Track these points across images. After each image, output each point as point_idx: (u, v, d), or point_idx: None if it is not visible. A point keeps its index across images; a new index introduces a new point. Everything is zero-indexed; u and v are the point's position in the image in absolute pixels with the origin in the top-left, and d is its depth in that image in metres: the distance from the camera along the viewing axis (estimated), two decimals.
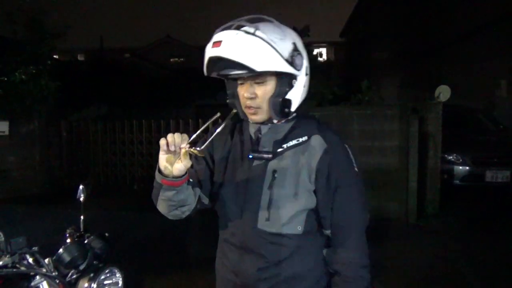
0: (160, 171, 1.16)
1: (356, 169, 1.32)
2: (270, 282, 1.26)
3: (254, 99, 1.23)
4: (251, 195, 1.26)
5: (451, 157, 6.77)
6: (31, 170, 7.97)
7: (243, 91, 1.24)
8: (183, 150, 1.10)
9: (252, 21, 1.19)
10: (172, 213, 1.28)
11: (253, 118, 1.27)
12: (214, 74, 1.22)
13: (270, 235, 1.24)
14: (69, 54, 15.09)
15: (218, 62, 1.15)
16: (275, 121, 1.28)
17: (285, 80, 1.22)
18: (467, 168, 6.70)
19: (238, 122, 1.39)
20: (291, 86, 1.23)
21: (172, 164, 1.12)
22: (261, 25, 1.18)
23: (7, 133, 7.49)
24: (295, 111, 1.31)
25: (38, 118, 7.99)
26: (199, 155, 1.14)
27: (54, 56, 9.84)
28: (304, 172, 1.24)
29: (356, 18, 19.05)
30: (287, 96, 1.23)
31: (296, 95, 1.26)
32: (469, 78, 11.44)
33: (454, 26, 12.51)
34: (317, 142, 1.26)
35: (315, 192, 1.25)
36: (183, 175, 1.16)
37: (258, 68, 1.12)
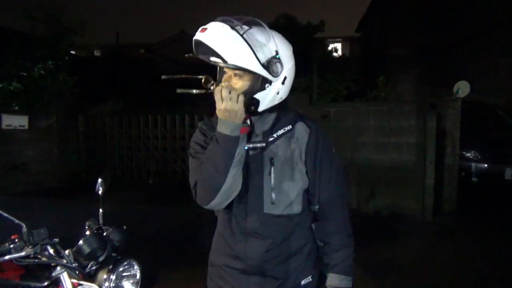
0: (233, 126, 1.23)
1: (333, 150, 1.47)
2: (275, 261, 1.38)
3: None
4: (253, 183, 1.36)
5: (470, 154, 6.65)
6: (49, 163, 8.14)
7: (223, 80, 1.34)
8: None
9: (247, 23, 1.29)
10: (237, 189, 1.31)
11: None
12: (202, 57, 1.32)
13: (275, 217, 1.36)
14: (86, 50, 15.22)
15: (200, 46, 1.27)
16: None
17: (258, 82, 1.31)
18: (486, 165, 6.57)
19: None
20: (262, 88, 1.32)
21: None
22: (252, 27, 1.29)
23: (26, 127, 7.65)
24: (275, 108, 1.39)
25: (56, 113, 8.13)
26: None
27: (72, 52, 9.99)
28: (296, 156, 1.38)
29: (373, 13, 18.75)
30: (256, 96, 1.32)
31: (266, 98, 1.34)
32: (489, 73, 11.17)
33: (474, 20, 12.21)
34: (302, 128, 1.40)
35: (306, 173, 1.40)
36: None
37: (229, 60, 1.23)
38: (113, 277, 1.77)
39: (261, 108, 1.35)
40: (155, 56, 19.36)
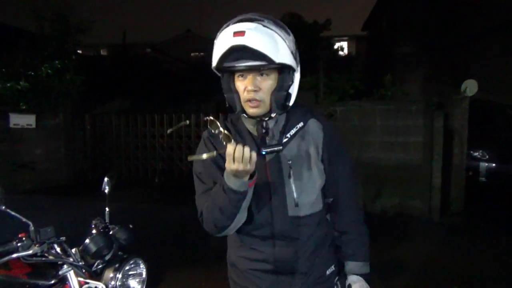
0: (241, 183, 1.17)
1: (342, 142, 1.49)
2: (303, 258, 1.38)
3: (258, 92, 1.26)
4: (275, 188, 1.33)
5: (477, 153, 6.59)
6: (56, 162, 8.20)
7: (246, 84, 1.26)
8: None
9: (257, 18, 1.23)
10: (240, 221, 1.30)
11: (253, 111, 1.29)
12: (228, 65, 1.22)
13: (301, 218, 1.35)
14: (93, 49, 15.35)
15: (236, 52, 1.17)
16: (273, 114, 1.31)
17: (286, 75, 1.27)
18: (494, 165, 6.51)
19: (224, 121, 1.44)
20: (292, 81, 1.30)
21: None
22: (266, 21, 1.22)
23: (34, 126, 7.71)
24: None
25: (63, 112, 8.19)
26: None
27: (78, 51, 10.04)
28: (312, 153, 1.36)
29: (379, 11, 18.64)
30: (289, 90, 1.30)
31: (294, 89, 1.34)
32: (497, 72, 11.06)
33: (482, 18, 12.09)
34: (315, 125, 1.39)
35: (324, 169, 1.39)
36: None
37: (277, 59, 1.18)
38: (119, 275, 1.78)
39: (291, 101, 1.34)
40: (161, 55, 19.43)
